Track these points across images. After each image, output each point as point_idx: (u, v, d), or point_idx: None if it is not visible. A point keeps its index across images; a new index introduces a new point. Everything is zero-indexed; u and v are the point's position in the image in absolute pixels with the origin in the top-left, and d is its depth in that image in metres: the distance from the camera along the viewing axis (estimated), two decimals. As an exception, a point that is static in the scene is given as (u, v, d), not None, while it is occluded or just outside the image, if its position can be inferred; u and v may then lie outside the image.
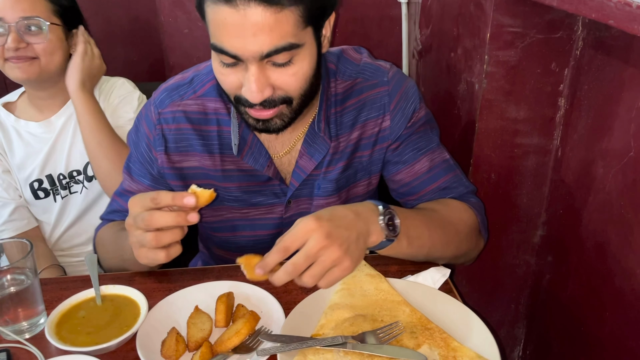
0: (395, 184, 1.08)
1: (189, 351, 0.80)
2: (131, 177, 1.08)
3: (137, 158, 1.07)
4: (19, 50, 1.27)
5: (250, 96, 0.84)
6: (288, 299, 0.90)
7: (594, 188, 1.03)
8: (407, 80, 1.06)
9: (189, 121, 1.01)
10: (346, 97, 1.02)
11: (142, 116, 1.06)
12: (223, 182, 1.03)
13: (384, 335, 0.78)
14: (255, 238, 1.09)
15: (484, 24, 1.09)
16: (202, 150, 1.01)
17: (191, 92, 1.01)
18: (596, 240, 1.03)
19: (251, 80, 0.82)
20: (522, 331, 1.40)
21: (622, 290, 0.95)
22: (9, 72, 1.32)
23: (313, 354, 0.75)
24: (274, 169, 1.02)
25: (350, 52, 1.06)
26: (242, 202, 1.05)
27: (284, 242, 0.76)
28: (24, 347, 0.82)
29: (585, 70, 1.06)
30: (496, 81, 1.12)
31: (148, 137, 1.04)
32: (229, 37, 0.80)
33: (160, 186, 1.06)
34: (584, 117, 1.07)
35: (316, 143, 1.01)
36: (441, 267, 0.96)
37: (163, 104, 1.02)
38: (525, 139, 1.18)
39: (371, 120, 1.02)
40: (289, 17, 0.79)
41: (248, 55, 0.80)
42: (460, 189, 1.05)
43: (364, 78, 1.02)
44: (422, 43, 1.51)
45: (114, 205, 1.11)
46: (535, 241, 1.29)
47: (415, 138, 1.04)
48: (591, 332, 1.06)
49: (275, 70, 0.84)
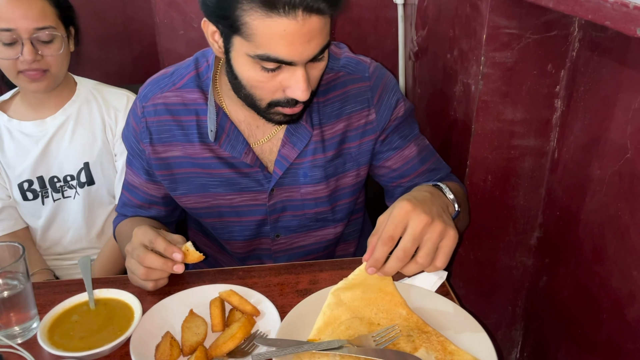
0: (385, 170, 1.12)
1: (184, 355, 0.79)
2: (132, 171, 1.15)
3: (132, 153, 1.12)
4: (33, 63, 1.25)
5: (301, 95, 0.89)
6: (284, 302, 0.90)
7: (591, 190, 1.02)
8: (387, 74, 1.11)
9: (169, 112, 1.05)
10: (329, 88, 1.06)
11: (131, 111, 1.12)
12: (207, 169, 1.06)
13: (380, 339, 0.77)
14: (241, 225, 1.12)
15: (480, 25, 1.09)
16: (184, 140, 1.05)
17: (170, 85, 1.06)
18: (593, 242, 1.02)
19: (301, 80, 0.87)
20: (519, 333, 1.40)
21: (619, 292, 0.95)
22: (22, 84, 1.30)
23: (309, 358, 0.74)
24: (253, 155, 1.04)
25: (332, 47, 1.10)
26: (226, 188, 1.07)
27: (387, 231, 0.79)
28: (17, 352, 0.81)
29: (582, 71, 1.06)
30: (492, 82, 1.12)
31: (135, 130, 1.09)
32: (288, 46, 0.83)
33: (155, 180, 1.12)
34: (580, 119, 1.07)
35: (298, 132, 1.04)
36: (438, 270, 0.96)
37: (146, 97, 1.07)
38: (521, 140, 1.18)
39: (355, 113, 1.07)
40: (328, 20, 0.86)
41: (304, 59, 0.86)
42: (444, 170, 1.15)
43: (347, 72, 1.07)
44: (418, 44, 1.51)
45: (123, 198, 1.19)
46: (532, 243, 1.29)
47: (402, 127, 1.11)
48: (588, 334, 1.06)
49: (311, 66, 0.90)
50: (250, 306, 0.86)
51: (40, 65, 1.26)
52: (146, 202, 1.15)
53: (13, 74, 1.28)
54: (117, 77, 1.48)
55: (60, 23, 1.29)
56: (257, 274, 0.98)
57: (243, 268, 1.00)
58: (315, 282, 0.96)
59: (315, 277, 0.97)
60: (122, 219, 1.18)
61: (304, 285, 0.95)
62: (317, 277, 0.97)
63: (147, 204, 1.16)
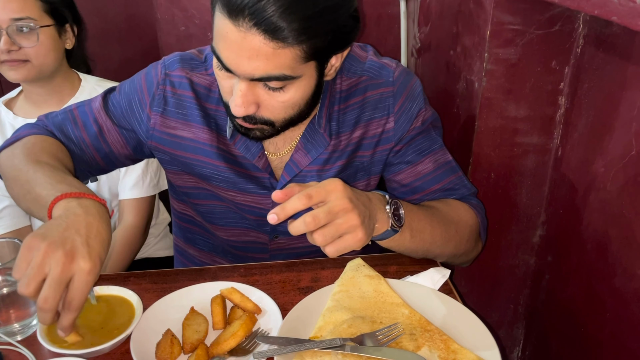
0: (395, 184, 1.06)
1: (184, 353, 0.79)
2: (105, 110, 1.04)
3: (123, 106, 1.04)
4: (10, 53, 1.26)
5: (234, 109, 0.84)
6: (285, 300, 0.89)
7: (595, 187, 1.02)
8: (413, 80, 1.04)
9: (194, 91, 1.00)
10: (350, 94, 1.00)
11: (144, 73, 1.04)
12: (214, 160, 1.02)
13: (383, 338, 0.77)
14: (240, 215, 1.07)
15: (484, 21, 1.08)
16: (202, 123, 1.00)
17: (203, 69, 1.01)
18: (596, 240, 1.01)
19: (237, 95, 0.82)
20: (521, 332, 1.39)
21: (623, 290, 0.94)
22: (4, 73, 1.32)
23: (311, 356, 0.74)
24: (266, 161, 1.01)
25: (356, 50, 1.04)
26: (229, 184, 1.03)
27: (309, 190, 0.74)
28: (16, 349, 0.81)
29: (586, 68, 1.05)
30: (496, 79, 1.11)
31: (144, 93, 1.01)
32: (227, 50, 0.80)
33: (125, 137, 1.03)
34: (584, 116, 1.06)
35: (315, 139, 1.00)
36: (441, 267, 0.95)
37: (172, 66, 1.02)
38: (525, 137, 1.17)
39: (374, 120, 1.01)
40: (288, 53, 0.78)
41: (240, 73, 0.81)
42: (462, 191, 1.05)
43: (369, 76, 1.01)
44: (421, 41, 1.50)
45: (69, 116, 1.05)
46: (534, 241, 1.28)
47: (419, 139, 1.03)
48: (591, 333, 1.05)
49: (265, 92, 0.83)
50: (252, 304, 0.85)
51: (18, 55, 1.27)
52: (93, 143, 1.03)
53: None
54: (118, 74, 1.47)
55: (45, 16, 1.29)
56: (258, 271, 0.98)
57: (244, 265, 1.00)
58: (317, 280, 0.95)
59: (317, 275, 0.97)
60: (38, 132, 1.01)
61: (305, 282, 0.95)
62: (318, 275, 0.97)
63: (92, 146, 1.04)
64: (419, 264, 0.98)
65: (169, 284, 0.94)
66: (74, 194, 0.78)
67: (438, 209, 0.98)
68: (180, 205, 1.17)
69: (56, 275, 0.69)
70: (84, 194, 0.79)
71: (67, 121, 1.05)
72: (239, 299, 0.86)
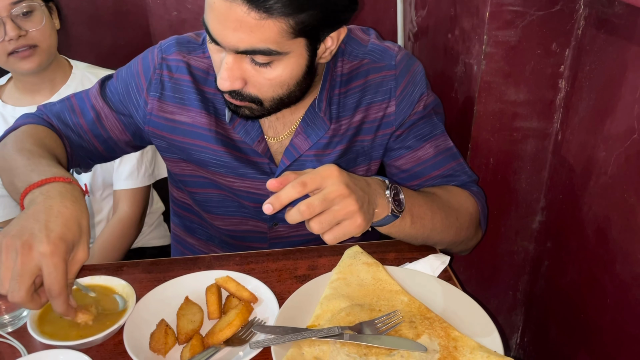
0: (395, 169, 1.05)
1: (179, 344, 0.77)
2: (101, 96, 1.03)
3: (119, 91, 1.03)
4: (20, 39, 1.23)
5: (219, 82, 0.83)
6: (282, 288, 0.88)
7: (595, 172, 1.00)
8: (415, 64, 1.02)
9: (191, 75, 0.99)
10: (351, 78, 0.99)
11: (141, 58, 1.03)
12: (213, 144, 1.00)
13: (382, 326, 0.75)
14: (238, 202, 1.06)
15: (483, 2, 1.06)
16: (199, 107, 0.99)
17: (200, 51, 1.00)
18: (597, 225, 1.00)
19: (223, 67, 0.81)
20: (520, 318, 1.39)
21: (623, 276, 0.93)
22: (13, 66, 1.28)
23: (308, 345, 0.72)
24: (265, 145, 0.99)
25: (358, 32, 1.03)
26: (227, 169, 1.02)
27: (303, 178, 0.72)
28: (7, 341, 0.79)
29: (587, 50, 1.03)
30: (495, 62, 1.09)
31: (140, 78, 1.00)
32: (213, 21, 0.79)
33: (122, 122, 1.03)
34: (585, 99, 1.04)
35: (315, 123, 0.98)
36: (440, 254, 0.94)
37: (169, 50, 1.00)
38: (524, 122, 1.15)
39: (376, 104, 0.99)
40: (273, 26, 0.77)
41: (225, 45, 0.80)
42: (462, 178, 1.03)
43: (371, 59, 0.99)
44: (418, 24, 1.47)
45: (66, 104, 1.04)
46: (534, 227, 1.27)
47: (420, 124, 1.02)
48: (591, 319, 1.04)
49: (252, 67, 0.82)
50: (248, 293, 0.84)
51: (27, 41, 1.24)
52: (91, 129, 1.03)
53: (3, 59, 1.27)
54: (110, 60, 1.44)
55: None
56: (254, 259, 0.96)
57: (240, 254, 0.98)
58: (314, 268, 0.94)
59: (314, 263, 0.95)
60: (33, 121, 1.00)
61: (302, 271, 0.93)
62: (316, 263, 0.95)
63: (90, 132, 1.03)
64: (418, 250, 0.97)
65: (162, 273, 0.92)
66: (38, 183, 0.77)
67: (438, 195, 0.96)
68: (179, 193, 1.16)
69: (18, 268, 0.68)
70: (47, 180, 0.77)
71: (64, 109, 1.05)
72: (234, 288, 0.84)
